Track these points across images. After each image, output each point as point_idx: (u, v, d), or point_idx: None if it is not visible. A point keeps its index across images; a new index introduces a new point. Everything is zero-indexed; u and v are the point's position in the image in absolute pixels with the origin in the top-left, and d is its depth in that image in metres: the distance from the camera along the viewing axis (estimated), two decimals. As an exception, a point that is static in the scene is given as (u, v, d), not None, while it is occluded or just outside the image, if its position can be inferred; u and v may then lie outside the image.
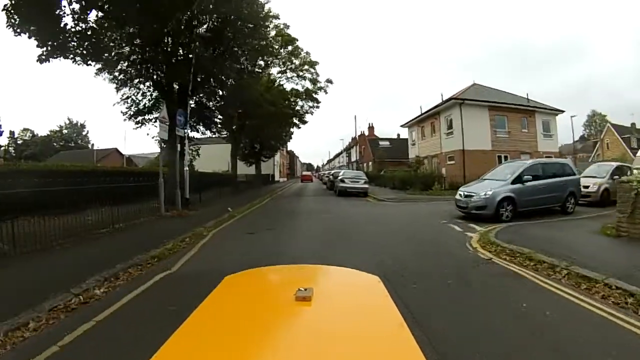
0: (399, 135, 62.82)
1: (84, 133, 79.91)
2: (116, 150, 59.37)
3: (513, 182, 13.45)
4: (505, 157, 31.13)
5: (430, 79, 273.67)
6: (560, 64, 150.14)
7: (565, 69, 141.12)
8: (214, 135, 38.86)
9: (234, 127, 31.63)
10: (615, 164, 19.35)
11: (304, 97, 33.36)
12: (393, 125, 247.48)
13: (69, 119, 79.15)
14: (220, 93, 20.92)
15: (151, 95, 19.98)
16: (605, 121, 67.73)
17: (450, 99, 32.81)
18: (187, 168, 17.39)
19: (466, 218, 13.33)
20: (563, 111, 37.37)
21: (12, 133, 70.68)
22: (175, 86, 17.78)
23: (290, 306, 1.65)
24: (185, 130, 17.28)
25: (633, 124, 56.91)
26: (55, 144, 72.48)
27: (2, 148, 57.52)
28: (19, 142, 72.02)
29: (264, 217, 15.33)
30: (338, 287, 2.13)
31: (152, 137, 19.65)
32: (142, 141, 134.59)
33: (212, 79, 18.93)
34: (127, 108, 20.10)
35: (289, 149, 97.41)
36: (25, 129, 74.78)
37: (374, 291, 1.92)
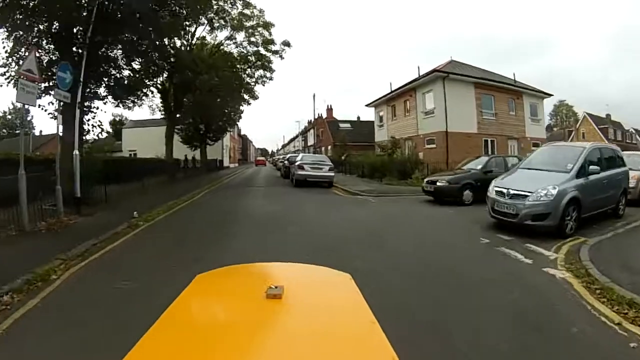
0: (359, 117, 59.18)
1: (28, 119, 71.18)
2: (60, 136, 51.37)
3: (577, 176, 8.95)
4: (492, 142, 28.31)
5: (390, 66, 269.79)
6: (524, 57, 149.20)
7: (528, 61, 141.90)
8: (153, 116, 33.20)
9: (171, 104, 25.54)
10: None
11: (255, 62, 27.05)
12: (352, 109, 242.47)
13: (12, 104, 69.91)
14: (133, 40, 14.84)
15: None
16: (572, 112, 67.83)
17: (432, 71, 28.06)
18: (77, 152, 11.47)
19: (506, 228, 9.01)
20: (551, 94, 34.50)
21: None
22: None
23: (260, 304, 1.61)
24: (68, 94, 11.19)
25: (608, 115, 58.62)
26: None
27: None
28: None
29: (184, 229, 10.09)
30: (309, 284, 2.02)
31: (46, 111, 13.34)
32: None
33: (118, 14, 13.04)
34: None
35: (241, 133, 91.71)
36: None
37: (345, 288, 1.87)
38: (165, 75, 23.57)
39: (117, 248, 7.89)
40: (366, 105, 41.85)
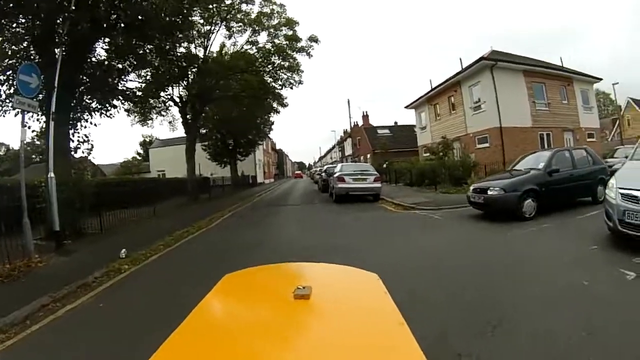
0: (396, 122, 56.68)
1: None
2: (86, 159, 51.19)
3: None
4: (548, 136, 25.22)
5: (422, 67, 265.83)
6: (549, 51, 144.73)
7: (554, 54, 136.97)
8: (175, 134, 31.34)
9: (187, 116, 23.31)
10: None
11: (280, 62, 24.02)
12: (388, 115, 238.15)
13: (40, 129, 71.18)
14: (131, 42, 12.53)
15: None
16: (610, 100, 63.30)
17: (478, 60, 24.77)
18: (52, 174, 9.03)
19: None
20: (601, 79, 30.65)
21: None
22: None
23: (288, 304, 1.61)
24: (35, 102, 8.74)
25: None
26: (34, 156, 65.13)
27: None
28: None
29: (179, 279, 6.81)
30: (337, 284, 2.02)
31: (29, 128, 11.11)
32: (114, 148, 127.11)
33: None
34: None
35: (276, 147, 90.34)
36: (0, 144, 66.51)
37: (373, 289, 1.82)
38: (184, 84, 21.59)
39: (67, 317, 5.29)
40: (405, 107, 39.00)
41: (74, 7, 9.45)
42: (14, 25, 10.48)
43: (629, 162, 7.69)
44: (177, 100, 22.74)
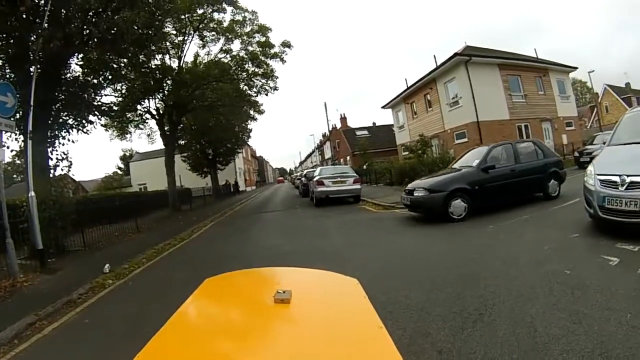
0: (374, 123, 56.90)
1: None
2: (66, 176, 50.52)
3: None
4: (526, 127, 25.88)
5: (396, 67, 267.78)
6: (521, 43, 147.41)
7: (526, 46, 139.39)
8: (154, 146, 31.13)
9: (165, 128, 23.21)
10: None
11: (254, 69, 23.99)
12: (366, 116, 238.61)
13: (20, 148, 69.74)
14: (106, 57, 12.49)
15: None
16: (587, 87, 65.06)
17: (453, 56, 25.13)
18: (33, 193, 8.92)
19: (619, 232, 6.25)
20: (576, 68, 31.52)
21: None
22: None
23: (269, 308, 1.64)
24: (11, 121, 8.66)
25: (628, 84, 54.91)
26: (15, 176, 63.85)
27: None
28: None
29: (162, 290, 6.78)
30: (317, 289, 2.04)
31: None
32: (95, 163, 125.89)
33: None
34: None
35: (256, 154, 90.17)
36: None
37: (352, 293, 1.85)
38: (160, 96, 21.47)
39: (54, 335, 5.25)
40: (382, 107, 39.43)
41: (46, 25, 9.38)
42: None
43: (607, 147, 7.66)
44: (154, 112, 22.59)
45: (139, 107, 21.37)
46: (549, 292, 4.42)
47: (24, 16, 9.33)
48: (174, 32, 20.88)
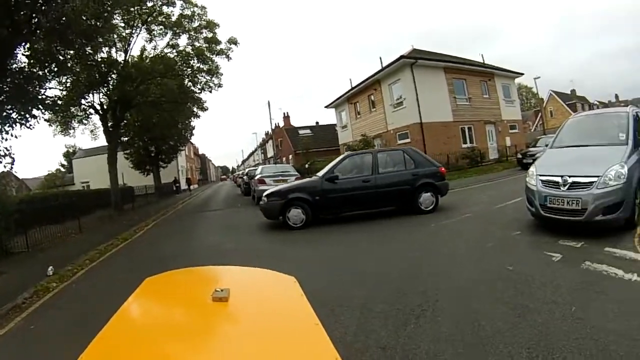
0: (317, 122, 57.10)
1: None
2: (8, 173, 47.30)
3: (635, 146, 6.83)
4: (470, 129, 26.86)
5: (341, 68, 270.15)
6: (471, 49, 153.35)
7: (475, 52, 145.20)
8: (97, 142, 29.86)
9: (108, 124, 22.30)
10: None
11: (199, 66, 23.61)
12: (309, 115, 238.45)
13: None
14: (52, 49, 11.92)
15: None
16: (532, 93, 68.89)
17: (399, 58, 25.82)
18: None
19: (560, 230, 6.66)
20: (522, 74, 33.12)
21: None
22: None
23: (207, 306, 1.64)
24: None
25: (573, 91, 59.12)
26: None
27: None
28: None
29: (106, 291, 6.56)
30: (254, 287, 2.07)
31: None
32: (38, 160, 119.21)
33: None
34: None
35: (199, 152, 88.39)
36: None
37: (289, 291, 1.87)
38: (104, 90, 20.64)
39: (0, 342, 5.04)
40: (325, 107, 39.86)
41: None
42: None
43: (549, 150, 8.24)
44: (98, 107, 21.58)
45: (83, 101, 20.37)
46: (493, 288, 4.60)
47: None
48: (122, 24, 20.06)
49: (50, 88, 13.97)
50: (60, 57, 12.93)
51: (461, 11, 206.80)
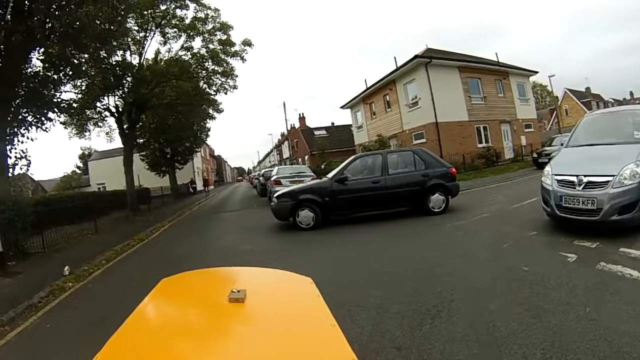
0: (333, 123, 56.95)
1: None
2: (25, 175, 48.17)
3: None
4: (485, 128, 26.47)
5: (355, 68, 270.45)
6: (482, 48, 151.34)
7: (487, 50, 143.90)
8: (113, 145, 30.18)
9: (124, 126, 22.57)
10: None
11: (213, 68, 23.66)
12: (324, 117, 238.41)
13: None
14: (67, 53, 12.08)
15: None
16: (547, 91, 67.26)
17: (413, 58, 25.59)
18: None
19: (575, 230, 6.55)
20: (537, 72, 32.71)
21: None
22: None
23: (223, 307, 1.64)
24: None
25: (588, 89, 57.28)
26: None
27: None
28: None
29: (122, 291, 6.69)
30: (271, 288, 2.06)
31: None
32: (54, 162, 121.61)
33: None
34: None
35: (214, 153, 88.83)
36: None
37: (306, 292, 1.86)
38: (119, 93, 20.89)
39: (17, 341, 5.11)
40: (341, 107, 39.75)
41: (9, 17, 9.01)
42: None
43: (564, 149, 8.03)
44: (114, 110, 21.88)
45: (98, 104, 20.68)
46: (508, 288, 4.57)
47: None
48: (136, 28, 20.39)
49: (65, 91, 14.24)
50: (75, 61, 13.10)
51: (470, 9, 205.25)
